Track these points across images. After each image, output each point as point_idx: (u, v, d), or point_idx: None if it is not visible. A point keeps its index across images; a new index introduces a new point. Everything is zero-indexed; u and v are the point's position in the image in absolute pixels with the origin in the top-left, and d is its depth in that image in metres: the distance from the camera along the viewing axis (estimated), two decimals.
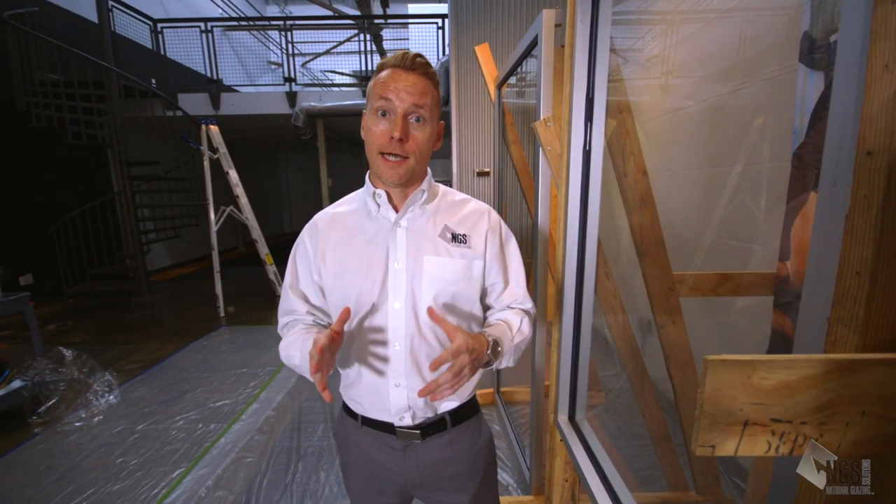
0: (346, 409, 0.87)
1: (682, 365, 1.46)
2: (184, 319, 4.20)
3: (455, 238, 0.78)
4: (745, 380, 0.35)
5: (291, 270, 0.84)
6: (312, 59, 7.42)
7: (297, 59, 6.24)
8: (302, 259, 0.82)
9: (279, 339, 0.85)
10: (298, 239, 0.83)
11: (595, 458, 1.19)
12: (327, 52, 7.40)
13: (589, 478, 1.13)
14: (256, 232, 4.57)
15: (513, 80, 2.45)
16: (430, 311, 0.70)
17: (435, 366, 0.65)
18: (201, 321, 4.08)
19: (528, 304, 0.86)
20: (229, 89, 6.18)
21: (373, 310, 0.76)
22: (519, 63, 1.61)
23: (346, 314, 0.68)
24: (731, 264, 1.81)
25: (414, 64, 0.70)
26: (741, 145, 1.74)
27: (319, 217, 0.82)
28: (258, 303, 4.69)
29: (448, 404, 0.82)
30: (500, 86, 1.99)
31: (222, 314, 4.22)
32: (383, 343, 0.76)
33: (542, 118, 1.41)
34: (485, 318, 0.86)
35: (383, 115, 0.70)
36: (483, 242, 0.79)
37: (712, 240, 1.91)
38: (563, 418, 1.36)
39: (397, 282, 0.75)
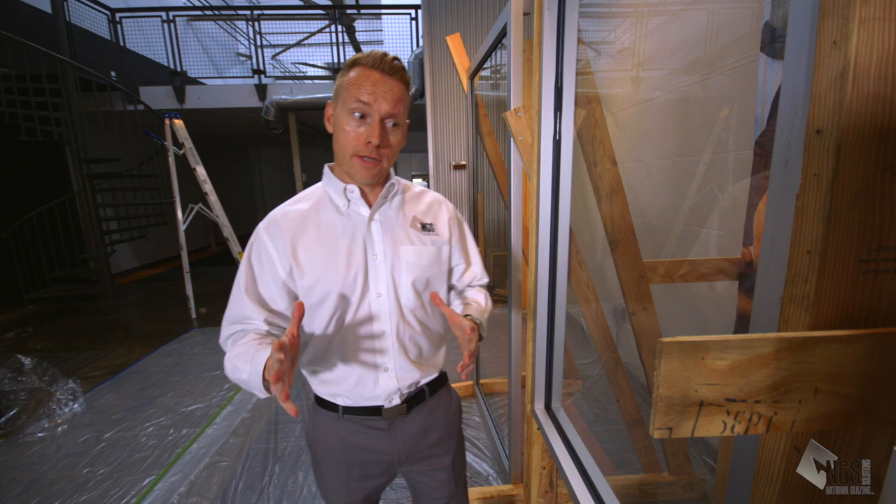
0: (322, 404, 0.86)
1: (653, 350, 1.49)
2: (152, 322, 4.05)
3: (424, 227, 0.84)
4: (700, 361, 0.35)
5: (247, 273, 0.77)
6: (283, 51, 7.22)
7: (266, 50, 6.04)
8: (263, 260, 0.77)
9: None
10: (254, 240, 0.78)
11: (570, 446, 1.21)
12: (298, 44, 7.20)
13: (564, 465, 1.14)
14: (227, 230, 4.43)
15: (487, 71, 2.44)
16: (434, 296, 0.78)
17: (469, 356, 0.72)
18: (171, 324, 3.94)
19: (486, 279, 0.97)
20: (195, 82, 5.94)
21: (356, 302, 0.77)
22: (490, 52, 1.60)
23: (301, 310, 0.65)
24: (699, 251, 1.86)
25: (392, 68, 0.71)
26: (708, 134, 1.78)
27: (278, 216, 0.78)
28: None
29: (429, 376, 0.88)
30: (472, 76, 1.98)
31: (194, 316, 4.09)
32: (369, 332, 0.79)
33: (512, 108, 1.40)
34: (449, 299, 0.94)
35: (360, 117, 0.71)
36: (447, 229, 0.87)
37: (682, 227, 1.95)
38: (539, 407, 1.37)
39: (378, 272, 0.78)
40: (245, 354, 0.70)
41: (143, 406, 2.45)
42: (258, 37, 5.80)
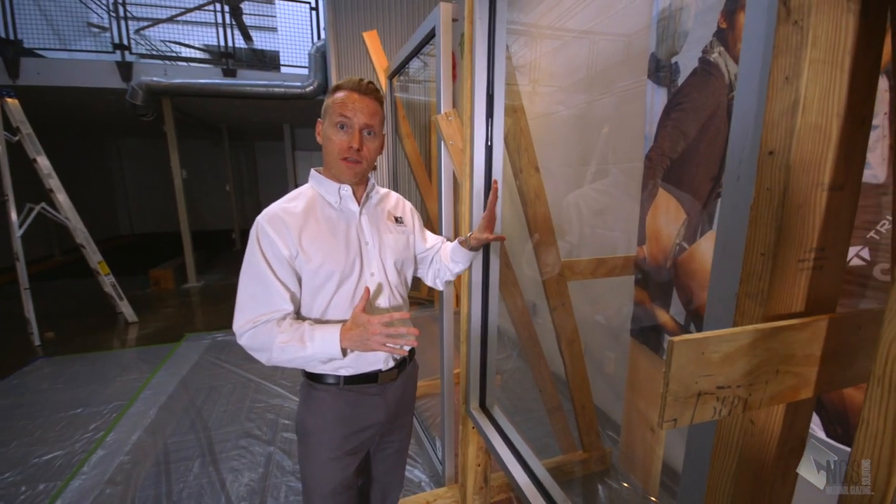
0: (320, 381, 0.95)
1: (570, 342, 1.63)
2: None
3: (397, 220, 1.05)
4: (700, 355, 0.39)
5: (263, 262, 0.86)
6: (150, 26, 6.23)
7: (131, 24, 5.14)
8: (272, 249, 0.86)
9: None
10: (258, 234, 0.87)
11: (509, 440, 1.26)
12: (171, 20, 6.28)
13: (506, 459, 1.18)
14: (82, 235, 3.68)
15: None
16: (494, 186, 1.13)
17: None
18: (6, 355, 3.14)
19: (440, 238, 1.20)
20: (32, 54, 4.80)
21: (355, 281, 0.93)
22: (414, 54, 1.59)
23: (367, 294, 0.87)
24: (599, 250, 2.08)
25: (367, 90, 0.90)
26: (604, 147, 2.01)
27: (279, 211, 0.89)
28: (90, 324, 3.80)
29: (412, 343, 1.00)
30: (391, 76, 1.94)
31: (38, 342, 3.31)
32: (367, 305, 0.93)
33: (443, 112, 1.40)
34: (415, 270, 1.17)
35: (342, 127, 0.89)
36: (411, 222, 1.10)
37: (585, 230, 2.17)
38: (474, 406, 1.41)
39: (369, 256, 0.96)
40: (303, 332, 0.84)
41: None
42: (120, 7, 4.91)
